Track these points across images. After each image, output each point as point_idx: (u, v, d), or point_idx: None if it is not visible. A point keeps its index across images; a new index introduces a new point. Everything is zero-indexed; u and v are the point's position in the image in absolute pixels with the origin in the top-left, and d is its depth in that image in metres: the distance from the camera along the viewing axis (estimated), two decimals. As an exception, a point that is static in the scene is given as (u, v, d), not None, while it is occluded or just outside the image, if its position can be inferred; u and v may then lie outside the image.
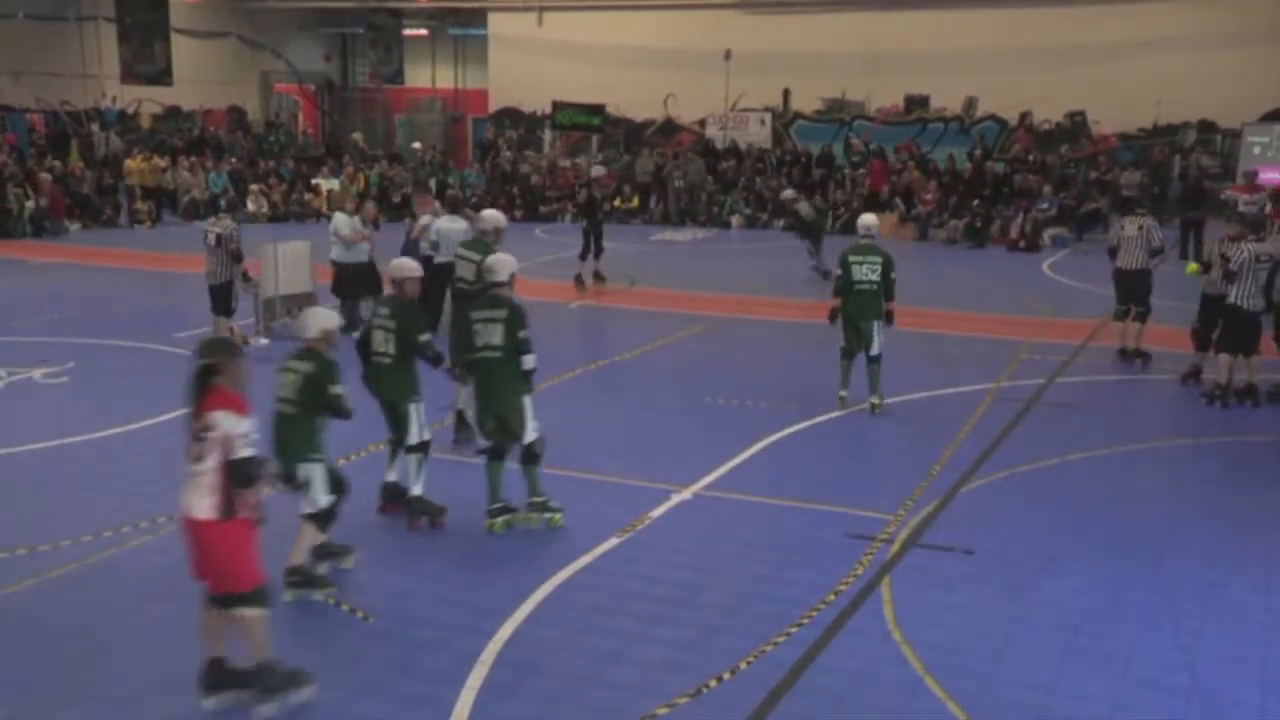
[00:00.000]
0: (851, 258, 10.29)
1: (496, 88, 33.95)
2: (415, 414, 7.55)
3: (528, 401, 7.49)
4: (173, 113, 32.29)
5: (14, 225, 23.05)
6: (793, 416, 10.22)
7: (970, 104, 29.36)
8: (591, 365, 12.34)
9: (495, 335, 7.47)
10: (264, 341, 13.14)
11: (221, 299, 12.37)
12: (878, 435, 10.15)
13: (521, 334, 7.45)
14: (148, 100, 31.54)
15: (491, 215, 10.20)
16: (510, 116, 33.71)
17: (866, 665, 5.78)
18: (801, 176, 27.37)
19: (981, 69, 28.02)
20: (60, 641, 5.95)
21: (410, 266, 7.91)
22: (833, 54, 29.23)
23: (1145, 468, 9.22)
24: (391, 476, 7.85)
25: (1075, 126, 28.72)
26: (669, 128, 31.99)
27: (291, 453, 6.48)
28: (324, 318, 6.84)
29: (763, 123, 30.80)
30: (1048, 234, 23.62)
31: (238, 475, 5.08)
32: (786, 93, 30.78)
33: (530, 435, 7.49)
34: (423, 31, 36.78)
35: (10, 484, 8.39)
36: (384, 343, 7.61)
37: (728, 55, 28.67)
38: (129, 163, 26.79)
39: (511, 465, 7.62)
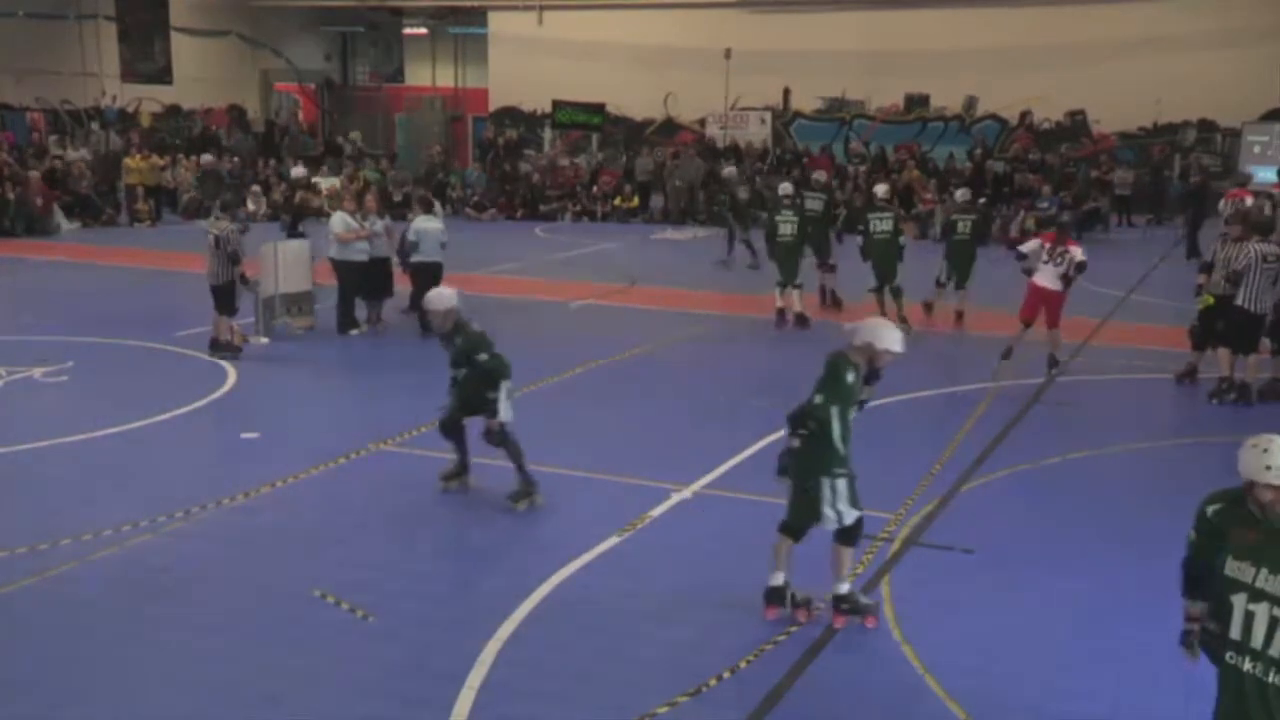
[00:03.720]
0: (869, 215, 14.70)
1: (496, 87, 33.95)
2: (800, 265, 14.35)
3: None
4: (173, 112, 32.28)
5: (9, 224, 23.01)
6: (793, 416, 10.20)
7: (970, 104, 29.36)
8: (591, 364, 12.33)
9: (888, 224, 14.14)
10: (264, 340, 13.14)
11: (224, 299, 12.36)
12: (877, 434, 10.08)
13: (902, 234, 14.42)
14: (148, 99, 31.53)
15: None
16: (510, 116, 33.72)
17: (866, 664, 5.78)
18: (802, 175, 27.35)
19: (981, 69, 28.04)
20: (60, 641, 5.95)
21: (785, 187, 15.92)
22: (833, 54, 29.24)
23: (1145, 467, 9.22)
24: (780, 305, 14.29)
25: (1075, 126, 28.75)
26: (669, 127, 31.99)
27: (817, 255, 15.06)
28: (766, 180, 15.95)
29: (763, 122, 30.81)
30: (1048, 233, 23.64)
31: (1080, 271, 11.50)
32: (786, 92, 30.79)
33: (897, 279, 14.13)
34: (423, 30, 36.78)
35: (10, 483, 8.39)
36: (790, 230, 14.30)
37: (728, 54, 28.67)
38: (128, 161, 26.77)
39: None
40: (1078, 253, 11.42)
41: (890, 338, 6.14)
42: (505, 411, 7.86)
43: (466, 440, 8.14)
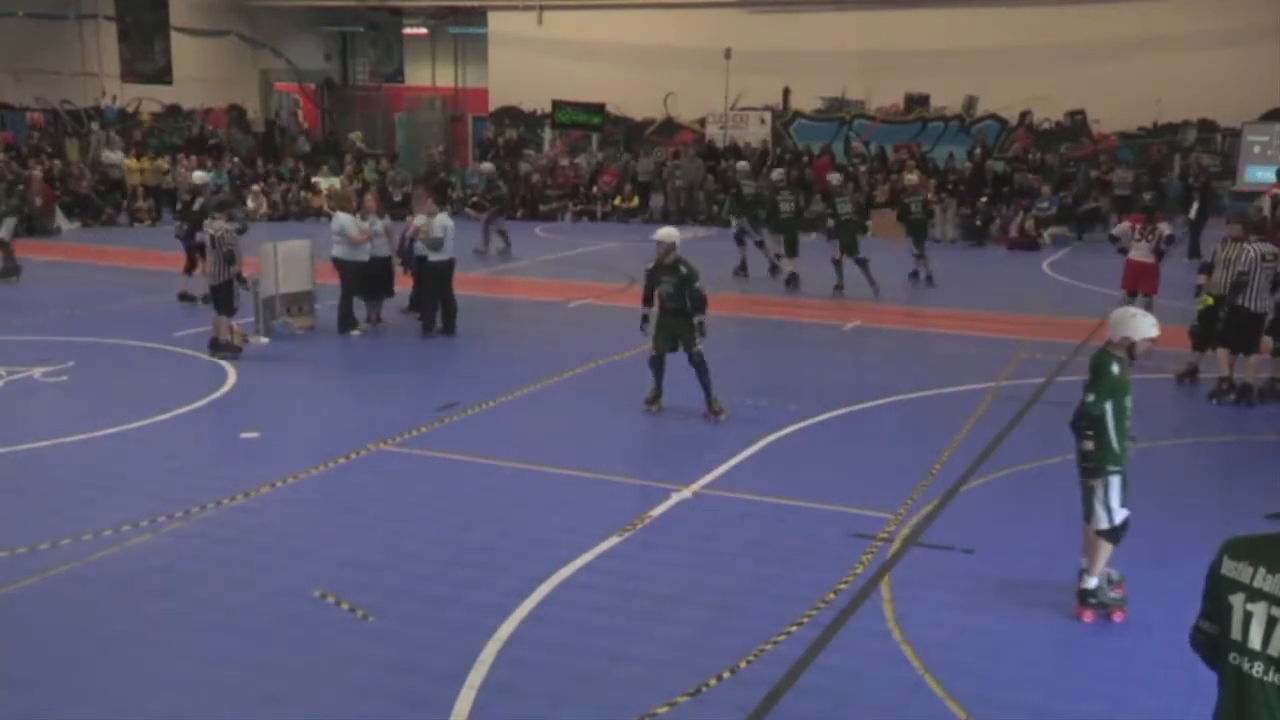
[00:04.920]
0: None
1: (496, 87, 33.95)
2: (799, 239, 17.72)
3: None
4: (172, 111, 32.26)
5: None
6: (793, 415, 10.22)
7: (970, 103, 29.32)
8: (591, 364, 12.33)
9: (848, 206, 17.08)
10: (264, 340, 13.14)
11: (222, 298, 12.36)
12: (878, 434, 10.15)
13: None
14: (147, 99, 31.52)
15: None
16: (510, 116, 33.71)
17: (866, 664, 5.78)
18: (800, 174, 27.40)
19: (981, 69, 28.01)
20: (60, 641, 5.95)
21: (778, 173, 19.00)
22: (833, 53, 29.21)
23: (1145, 467, 9.18)
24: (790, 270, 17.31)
25: (1075, 125, 28.71)
26: (669, 127, 31.98)
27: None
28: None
29: (763, 122, 30.78)
30: (1048, 233, 23.65)
31: (1170, 244, 13.26)
32: (786, 92, 30.75)
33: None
34: (423, 30, 36.77)
35: (10, 483, 8.38)
36: (789, 208, 17.46)
37: (728, 54, 28.65)
38: (128, 161, 26.74)
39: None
40: (1165, 228, 13.55)
41: (1144, 326, 6.19)
42: (701, 342, 9.93)
43: (665, 371, 10.14)
